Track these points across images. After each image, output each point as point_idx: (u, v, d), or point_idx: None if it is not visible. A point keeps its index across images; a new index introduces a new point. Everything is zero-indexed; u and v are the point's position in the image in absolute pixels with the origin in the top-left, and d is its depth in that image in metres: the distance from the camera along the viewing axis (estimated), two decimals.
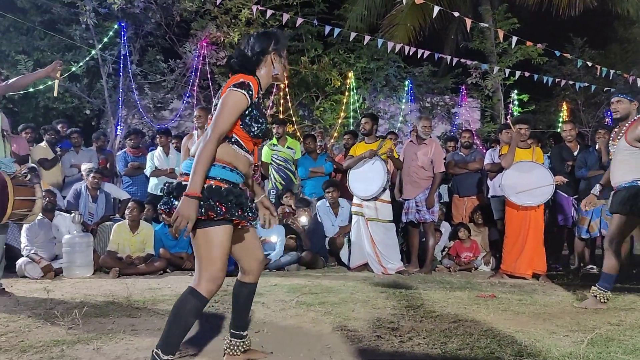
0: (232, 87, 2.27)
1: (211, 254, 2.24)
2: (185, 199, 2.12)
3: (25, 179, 4.17)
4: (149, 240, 5.99)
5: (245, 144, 2.36)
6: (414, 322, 3.44)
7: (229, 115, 2.25)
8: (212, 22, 10.18)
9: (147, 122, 10.77)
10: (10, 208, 3.97)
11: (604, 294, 3.99)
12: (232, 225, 2.28)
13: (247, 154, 2.38)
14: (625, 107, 4.04)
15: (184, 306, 2.25)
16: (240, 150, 2.35)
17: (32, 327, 3.27)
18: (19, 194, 4.03)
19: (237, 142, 2.34)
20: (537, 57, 11.85)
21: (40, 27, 10.22)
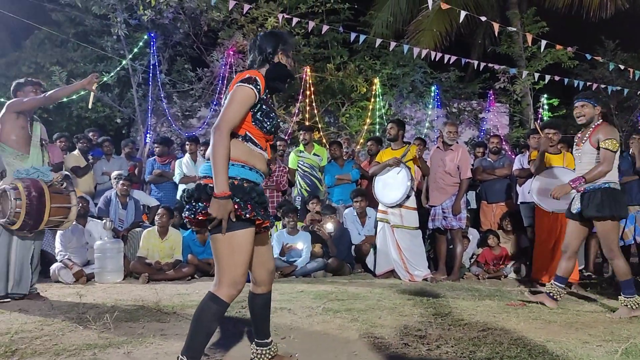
0: (240, 82, 2.28)
1: (234, 258, 2.23)
2: (215, 201, 2.14)
3: (61, 187, 4.30)
4: (178, 247, 6.08)
5: (259, 141, 2.37)
6: (441, 330, 3.40)
7: (237, 108, 2.25)
8: (239, 31, 10.33)
9: (175, 130, 10.96)
10: (47, 215, 4.11)
11: (632, 300, 3.93)
12: (254, 228, 2.28)
13: (261, 150, 2.38)
14: (589, 112, 4.14)
15: (205, 312, 2.26)
16: (255, 148, 2.35)
17: (65, 330, 3.35)
18: (55, 202, 4.18)
19: (251, 139, 2.34)
20: (567, 60, 11.61)
21: (73, 39, 10.54)
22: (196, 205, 2.22)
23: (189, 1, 9.77)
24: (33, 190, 4.07)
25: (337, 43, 11.58)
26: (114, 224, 6.29)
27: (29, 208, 4.03)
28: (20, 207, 4.00)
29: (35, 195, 4.06)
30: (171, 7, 9.72)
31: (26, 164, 4.28)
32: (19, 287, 4.37)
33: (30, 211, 4.04)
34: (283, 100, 11.64)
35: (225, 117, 2.22)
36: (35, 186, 4.11)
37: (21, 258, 4.36)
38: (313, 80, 10.83)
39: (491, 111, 13.27)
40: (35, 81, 4.58)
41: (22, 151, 4.28)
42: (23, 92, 4.43)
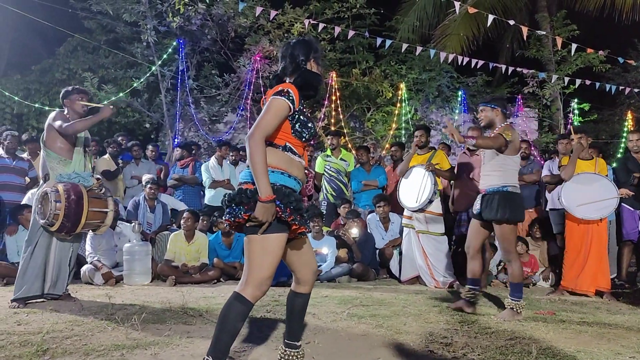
0: (274, 94, 2.36)
1: (263, 260, 2.30)
2: (261, 205, 2.21)
3: (100, 192, 4.44)
4: (204, 250, 6.14)
5: (297, 150, 2.46)
6: (468, 337, 3.35)
7: (270, 118, 2.32)
8: (266, 36, 10.43)
9: (202, 134, 11.11)
10: (84, 218, 4.24)
11: (518, 304, 4.05)
12: (287, 234, 2.34)
13: (300, 159, 2.46)
14: (487, 115, 4.30)
15: (230, 312, 2.32)
16: (294, 157, 2.43)
17: (94, 331, 3.42)
18: (93, 206, 4.31)
19: (291, 149, 2.42)
20: (598, 64, 11.34)
21: (105, 45, 10.82)
22: (237, 209, 2.28)
23: (216, 8, 9.93)
24: (72, 193, 4.20)
25: (363, 48, 11.58)
26: (142, 227, 6.40)
27: (68, 210, 4.15)
28: (60, 210, 4.13)
29: (74, 199, 4.18)
30: (199, 13, 9.89)
31: (68, 169, 4.43)
32: (55, 288, 4.50)
33: (69, 214, 4.16)
34: (309, 106, 11.67)
35: (259, 126, 2.30)
36: (75, 190, 4.24)
37: (59, 260, 4.50)
38: (339, 85, 10.85)
39: (519, 116, 13.04)
40: (82, 89, 4.71)
41: (66, 157, 4.45)
42: (70, 100, 4.57)
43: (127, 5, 9.71)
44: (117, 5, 9.82)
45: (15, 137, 6.65)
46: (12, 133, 6.64)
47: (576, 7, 11.80)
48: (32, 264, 4.39)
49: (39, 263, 4.40)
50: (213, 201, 7.21)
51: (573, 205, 5.27)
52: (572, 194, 5.29)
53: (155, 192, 6.73)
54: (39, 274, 4.40)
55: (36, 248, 4.42)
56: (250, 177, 2.32)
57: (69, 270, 4.57)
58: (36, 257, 4.41)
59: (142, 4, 9.60)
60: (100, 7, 9.88)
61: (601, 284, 5.26)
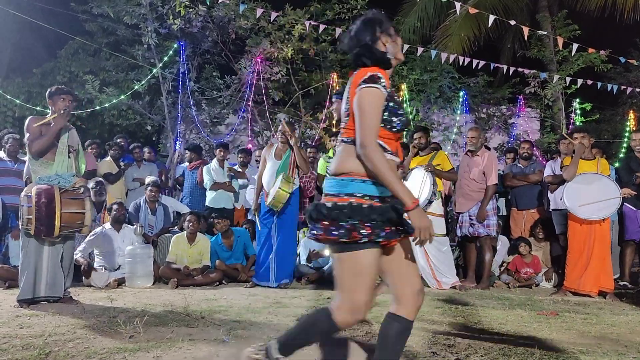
0: (363, 84, 2.02)
1: (354, 281, 2.01)
2: (412, 213, 1.94)
3: (78, 192, 4.38)
4: (206, 252, 6.14)
5: (388, 144, 2.08)
6: (470, 339, 3.34)
7: (372, 115, 2.00)
8: (266, 38, 10.42)
9: (204, 136, 11.11)
10: (57, 221, 4.19)
11: None
12: (379, 248, 2.02)
13: (391, 155, 2.08)
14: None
15: (316, 323, 2.15)
16: (385, 154, 2.03)
17: (97, 334, 3.42)
18: (67, 208, 4.25)
19: (380, 145, 2.04)
20: (600, 64, 11.32)
21: (106, 48, 10.83)
22: (353, 224, 1.94)
23: (217, 10, 9.93)
24: (43, 196, 4.19)
25: None
26: (144, 229, 6.40)
27: (38, 214, 4.15)
28: (31, 214, 4.15)
29: (45, 202, 4.17)
30: (200, 16, 9.90)
31: (50, 171, 4.43)
32: (54, 289, 4.50)
33: (40, 217, 4.16)
34: (310, 107, 11.69)
35: (365, 131, 1.98)
36: (47, 193, 4.22)
37: (53, 262, 4.50)
38: (340, 87, 10.85)
39: (521, 116, 13.03)
40: (66, 90, 4.72)
41: (47, 159, 4.46)
42: (52, 100, 4.60)
43: (128, 7, 9.72)
44: (118, 7, 9.83)
45: (17, 140, 6.66)
46: (13, 136, 6.65)
47: (577, 7, 11.77)
48: (27, 267, 4.42)
49: (31, 266, 4.42)
50: (214, 203, 7.21)
51: (575, 206, 5.26)
52: (575, 194, 5.28)
53: (156, 195, 6.72)
54: (30, 277, 4.41)
55: (28, 251, 4.45)
56: (337, 188, 2.05)
57: (64, 272, 4.56)
58: (29, 260, 4.43)
59: (143, 6, 9.60)
60: (101, 9, 9.89)
61: (604, 284, 5.25)
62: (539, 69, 11.19)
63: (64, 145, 4.53)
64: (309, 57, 10.84)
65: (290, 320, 3.85)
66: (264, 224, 5.80)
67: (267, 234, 5.76)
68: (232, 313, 4.13)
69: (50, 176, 4.39)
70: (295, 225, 6.00)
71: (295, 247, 6.10)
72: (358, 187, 2.02)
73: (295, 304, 4.62)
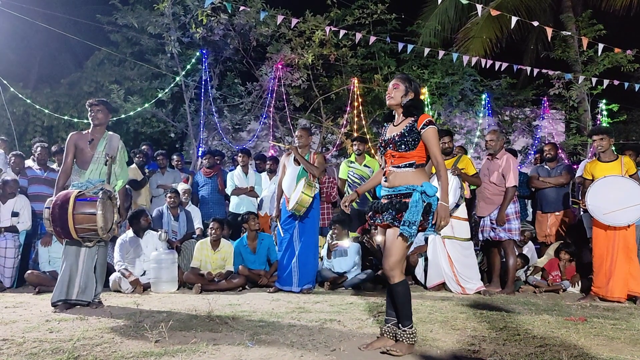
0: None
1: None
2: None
3: (91, 194, 4.45)
4: (229, 258, 6.19)
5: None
6: (496, 345, 3.29)
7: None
8: (287, 44, 10.50)
9: (226, 143, 11.23)
10: (71, 222, 4.28)
11: None
12: None
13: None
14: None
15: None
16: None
17: (124, 338, 3.47)
18: (79, 209, 4.33)
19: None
20: (626, 64, 11.08)
21: (130, 58, 11.05)
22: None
23: (238, 18, 10.04)
24: (58, 199, 4.34)
25: (385, 53, 11.56)
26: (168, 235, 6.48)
27: (52, 216, 4.30)
28: (48, 216, 4.32)
29: (58, 204, 4.31)
30: (221, 24, 10.03)
31: (82, 178, 4.65)
32: (84, 294, 4.62)
33: (54, 219, 4.30)
34: (331, 112, 11.71)
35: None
36: (63, 195, 4.37)
37: (87, 267, 4.64)
38: (361, 92, 10.85)
39: (546, 118, 12.83)
40: (99, 101, 4.85)
41: (81, 168, 4.70)
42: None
43: (152, 18, 9.90)
44: (142, 18, 10.02)
45: (46, 148, 6.84)
46: (42, 145, 6.83)
47: (602, 6, 11.57)
48: (63, 270, 4.59)
49: (67, 269, 4.58)
50: (237, 208, 7.27)
51: (600, 213, 5.13)
52: (599, 199, 5.15)
53: (176, 201, 6.78)
54: (65, 279, 4.56)
55: (65, 256, 4.62)
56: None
57: (95, 278, 4.67)
58: (65, 263, 4.61)
59: (166, 16, 9.77)
60: (125, 20, 10.10)
61: (633, 288, 5.12)
62: (564, 70, 11.01)
63: (99, 154, 4.68)
64: (330, 62, 10.88)
65: (313, 325, 3.85)
66: (286, 230, 5.83)
67: (289, 239, 5.79)
68: (256, 318, 4.15)
69: (82, 183, 4.56)
70: (316, 229, 6.01)
71: (317, 252, 6.10)
72: (434, 190, 3.11)
73: (317, 309, 4.62)
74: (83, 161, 4.69)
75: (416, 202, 3.00)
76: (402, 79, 3.27)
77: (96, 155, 4.68)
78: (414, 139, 3.12)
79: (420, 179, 3.10)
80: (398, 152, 3.16)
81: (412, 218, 2.98)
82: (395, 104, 3.26)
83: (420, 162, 3.16)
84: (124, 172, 4.93)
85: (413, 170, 3.13)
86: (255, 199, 7.43)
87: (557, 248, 6.22)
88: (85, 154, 4.68)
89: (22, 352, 3.11)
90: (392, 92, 3.25)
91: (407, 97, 3.23)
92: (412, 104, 3.21)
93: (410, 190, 3.08)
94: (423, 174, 3.14)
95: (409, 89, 3.23)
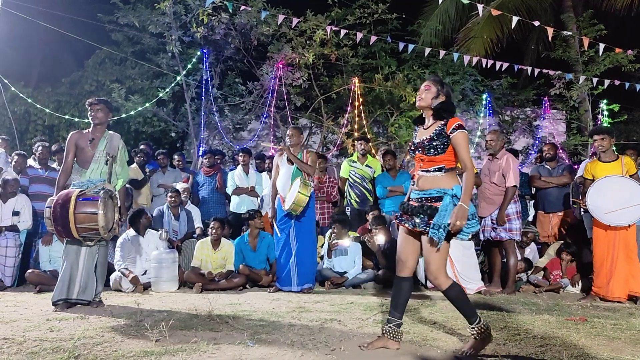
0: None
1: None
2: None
3: (93, 194, 4.44)
4: (230, 257, 6.19)
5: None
6: (496, 344, 3.29)
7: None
8: (288, 44, 10.49)
9: (227, 142, 11.23)
10: (72, 221, 4.27)
11: None
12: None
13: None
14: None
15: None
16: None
17: (124, 337, 3.47)
18: (80, 208, 4.31)
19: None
20: (627, 64, 11.07)
21: (131, 57, 11.05)
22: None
23: (239, 17, 10.04)
24: (60, 198, 4.33)
25: (385, 53, 11.56)
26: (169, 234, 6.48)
27: (54, 215, 4.30)
28: (49, 215, 4.31)
29: (60, 203, 4.30)
30: (223, 23, 10.03)
31: (83, 177, 4.63)
32: (85, 293, 4.62)
33: (56, 218, 4.29)
34: (332, 112, 11.71)
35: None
36: (64, 194, 4.37)
37: (88, 267, 4.63)
38: (361, 91, 10.84)
39: (546, 118, 12.83)
40: (100, 101, 4.83)
41: (82, 167, 4.69)
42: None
43: (153, 17, 9.90)
44: (143, 17, 10.02)
45: (47, 147, 6.85)
46: (43, 144, 6.84)
47: (603, 6, 11.56)
48: (63, 269, 4.59)
49: (68, 268, 4.58)
50: (238, 208, 7.28)
51: (600, 213, 5.13)
52: (599, 199, 5.15)
53: (177, 200, 6.78)
54: (65, 278, 4.56)
55: (66, 255, 4.62)
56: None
57: (96, 277, 4.67)
58: (66, 263, 4.60)
59: (167, 15, 9.77)
60: (126, 19, 10.10)
61: (633, 288, 5.12)
62: (564, 70, 11.01)
63: (100, 153, 4.67)
64: (330, 62, 10.88)
65: (313, 324, 3.85)
66: (282, 230, 5.82)
67: (286, 239, 5.78)
68: (256, 317, 4.16)
69: (83, 182, 4.55)
70: (313, 227, 6.01)
71: (315, 250, 6.10)
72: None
73: (318, 308, 4.62)
74: (84, 160, 4.68)
75: (446, 205, 3.00)
76: (434, 81, 3.25)
77: (97, 154, 4.67)
78: (443, 143, 3.10)
79: (451, 183, 3.08)
80: (427, 156, 3.15)
81: (441, 221, 2.96)
82: (425, 106, 3.24)
83: (450, 166, 3.13)
84: (124, 171, 4.93)
85: (443, 175, 3.11)
86: (256, 198, 7.43)
87: (559, 248, 6.22)
88: (85, 153, 4.67)
89: (23, 351, 3.11)
90: (423, 94, 3.23)
91: (438, 100, 3.20)
92: (442, 106, 3.18)
93: (440, 193, 3.06)
94: (453, 177, 3.12)
95: (440, 91, 3.21)
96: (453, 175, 3.12)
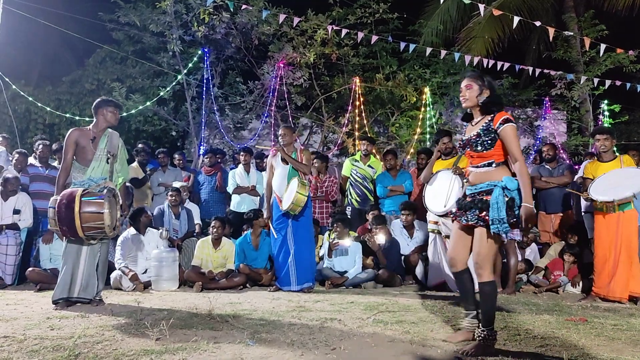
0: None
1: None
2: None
3: (97, 193, 4.43)
4: (230, 256, 6.19)
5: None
6: (497, 344, 3.28)
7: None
8: (289, 43, 10.49)
9: (227, 141, 11.23)
10: (77, 221, 4.25)
11: None
12: None
13: None
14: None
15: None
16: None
17: (124, 336, 3.47)
18: (86, 208, 4.30)
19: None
20: (628, 64, 11.07)
21: (132, 56, 11.05)
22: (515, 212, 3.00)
23: (240, 16, 10.04)
24: (64, 198, 4.30)
25: (386, 53, 11.56)
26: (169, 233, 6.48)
27: (59, 215, 4.26)
28: (54, 215, 4.28)
29: (64, 203, 4.27)
30: (224, 22, 10.03)
31: (85, 175, 4.60)
32: (86, 292, 4.62)
33: (61, 218, 4.26)
34: (332, 111, 11.70)
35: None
36: (68, 194, 4.33)
37: (89, 265, 4.63)
38: (362, 91, 10.84)
39: (547, 118, 12.82)
40: (118, 104, 4.84)
41: (83, 165, 4.64)
42: (102, 112, 4.73)
43: (154, 16, 9.90)
44: (144, 16, 10.02)
45: (47, 146, 6.85)
46: (44, 142, 6.84)
47: (604, 6, 11.56)
48: (64, 268, 4.57)
49: (69, 267, 4.56)
50: (239, 207, 7.28)
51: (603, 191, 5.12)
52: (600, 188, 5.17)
53: (177, 199, 6.78)
54: (66, 278, 4.55)
55: (68, 253, 4.59)
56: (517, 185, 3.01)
57: (97, 276, 4.66)
58: (67, 262, 4.58)
59: (168, 14, 9.77)
60: (127, 18, 10.10)
61: (634, 288, 5.12)
62: (565, 70, 11.01)
63: (101, 151, 4.65)
64: (331, 61, 10.88)
65: (313, 324, 3.85)
66: (279, 230, 5.81)
67: (283, 239, 5.77)
68: (256, 316, 4.16)
69: (84, 180, 4.53)
70: (310, 226, 6.00)
71: (313, 249, 6.09)
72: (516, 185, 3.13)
73: (318, 308, 4.62)
74: (84, 158, 4.65)
75: (497, 197, 2.98)
76: (474, 78, 3.20)
77: (98, 152, 4.65)
78: (491, 138, 3.09)
79: (501, 175, 3.06)
80: (476, 152, 3.15)
81: (498, 215, 2.96)
82: (471, 105, 3.21)
83: (500, 160, 3.11)
84: (124, 169, 4.93)
85: (493, 169, 3.11)
86: (256, 197, 7.43)
87: (562, 250, 6.21)
88: (87, 152, 4.64)
89: (23, 349, 3.11)
90: (466, 94, 3.19)
91: (483, 96, 3.17)
92: (489, 100, 3.15)
93: (490, 186, 3.06)
94: (504, 170, 3.09)
95: (482, 87, 3.17)
96: (504, 169, 3.11)
